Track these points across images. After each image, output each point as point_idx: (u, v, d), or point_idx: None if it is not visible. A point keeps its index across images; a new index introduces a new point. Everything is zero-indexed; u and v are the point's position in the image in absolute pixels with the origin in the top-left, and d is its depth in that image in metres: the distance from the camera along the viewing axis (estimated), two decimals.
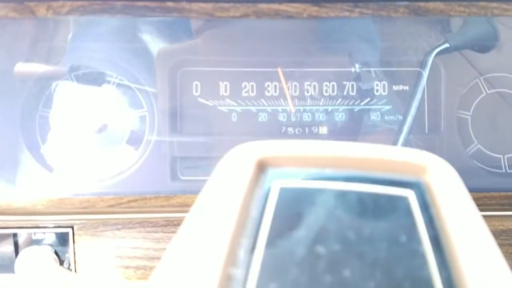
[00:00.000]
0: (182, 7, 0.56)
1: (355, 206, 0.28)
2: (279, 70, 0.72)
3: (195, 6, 0.56)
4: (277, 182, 0.29)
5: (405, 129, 0.70)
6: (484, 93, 0.74)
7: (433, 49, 0.71)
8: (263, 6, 0.56)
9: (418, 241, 0.27)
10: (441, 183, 0.29)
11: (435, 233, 0.27)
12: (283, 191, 0.29)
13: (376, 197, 0.28)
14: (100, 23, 0.69)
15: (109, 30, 0.71)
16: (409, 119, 0.71)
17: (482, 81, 0.74)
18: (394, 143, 0.71)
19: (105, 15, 0.55)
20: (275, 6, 0.56)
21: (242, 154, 0.31)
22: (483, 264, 0.25)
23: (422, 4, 0.56)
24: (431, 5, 0.56)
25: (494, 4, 0.56)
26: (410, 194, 0.29)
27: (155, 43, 0.72)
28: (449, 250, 0.26)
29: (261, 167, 0.30)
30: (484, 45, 0.73)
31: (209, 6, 0.56)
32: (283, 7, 0.56)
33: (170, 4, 0.56)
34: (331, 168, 0.30)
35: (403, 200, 0.29)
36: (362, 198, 0.28)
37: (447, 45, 0.71)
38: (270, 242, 0.26)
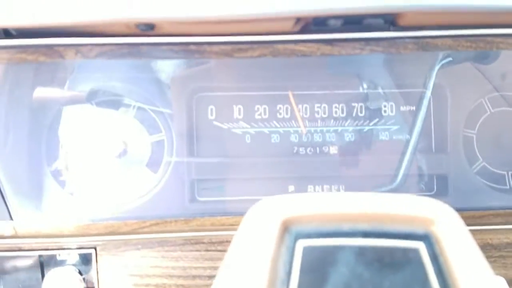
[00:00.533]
0: (203, 50, 0.59)
1: (373, 261, 0.30)
2: (290, 93, 0.75)
3: (215, 48, 0.59)
4: (300, 242, 0.32)
5: (410, 149, 0.73)
6: (488, 112, 0.77)
7: (435, 64, 0.73)
8: (279, 46, 0.59)
9: None
10: (449, 234, 0.32)
11: (445, 284, 0.29)
12: (307, 250, 0.31)
13: (390, 250, 0.31)
14: None
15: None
16: (413, 139, 0.73)
17: (486, 101, 0.76)
18: (400, 162, 0.73)
19: (131, 59, 0.58)
20: (290, 46, 0.59)
21: (267, 213, 0.34)
22: None
23: (430, 40, 0.58)
24: (439, 41, 0.58)
25: (499, 39, 0.58)
26: (421, 246, 0.32)
27: (170, 70, 0.75)
28: None
29: (285, 227, 0.33)
30: (486, 56, 0.75)
31: (228, 48, 0.59)
32: (298, 47, 0.59)
33: (192, 47, 0.59)
34: (348, 223, 0.33)
35: (415, 252, 0.31)
36: (378, 253, 0.31)
37: (450, 58, 0.73)
38: None
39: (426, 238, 0.32)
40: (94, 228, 0.67)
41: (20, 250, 0.73)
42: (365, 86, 0.75)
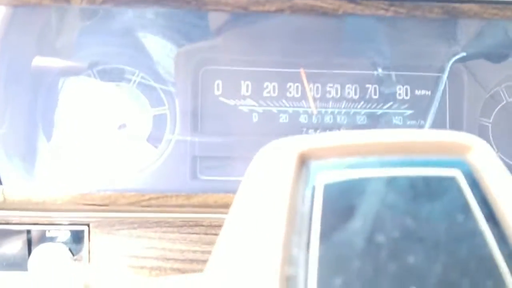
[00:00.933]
0: (217, 0, 0.56)
1: (407, 191, 0.27)
2: (302, 71, 0.72)
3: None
4: (322, 175, 0.28)
5: None
6: (505, 101, 0.74)
7: (451, 56, 0.71)
8: (299, 1, 0.56)
9: (474, 219, 0.26)
10: (485, 161, 0.29)
11: (489, 210, 0.26)
12: (329, 184, 0.28)
13: (425, 179, 0.28)
14: (121, 18, 0.68)
15: (129, 25, 0.70)
16: (427, 125, 0.71)
17: (503, 89, 0.74)
18: None
19: (140, 6, 0.55)
20: (310, 1, 0.56)
21: (281, 148, 0.30)
22: None
23: (457, 5, 0.56)
24: (465, 6, 0.56)
25: None
26: (457, 174, 0.28)
27: (177, 41, 0.72)
28: (506, 226, 0.26)
29: (303, 161, 0.29)
30: (500, 54, 0.74)
31: (244, 0, 0.56)
32: (319, 3, 0.56)
33: None
34: (375, 155, 0.29)
35: (452, 180, 0.28)
36: (412, 182, 0.28)
37: (463, 54, 0.71)
38: (324, 237, 0.26)
39: (462, 165, 0.29)
40: (90, 198, 0.63)
41: (7, 223, 0.68)
42: (379, 68, 0.72)
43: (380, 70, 0.72)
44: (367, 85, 0.72)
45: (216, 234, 0.71)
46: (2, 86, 0.64)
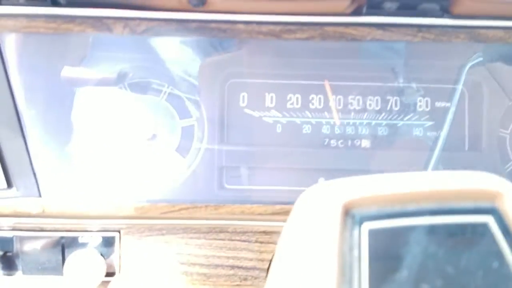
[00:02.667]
0: (251, 29, 0.58)
1: (445, 239, 0.29)
2: (326, 82, 0.74)
3: (264, 28, 0.58)
4: (365, 225, 0.30)
5: (439, 146, 0.72)
6: None
7: (466, 63, 0.72)
8: (329, 29, 0.58)
9: (507, 265, 0.28)
10: None
11: None
12: (373, 233, 0.30)
13: (460, 227, 0.30)
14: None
15: (158, 39, 0.72)
16: (443, 136, 0.72)
17: None
18: (429, 159, 0.72)
19: (179, 35, 0.57)
20: (340, 29, 0.58)
21: (325, 197, 0.32)
22: None
23: (482, 31, 0.57)
24: (490, 32, 0.58)
25: None
26: (489, 219, 0.30)
27: (202, 54, 0.74)
28: None
29: (346, 210, 0.31)
30: None
31: (277, 28, 0.58)
32: (349, 30, 0.58)
33: (240, 26, 0.58)
34: (412, 203, 0.31)
35: (484, 226, 0.30)
36: (449, 230, 0.30)
37: (480, 58, 0.72)
38: (374, 286, 0.27)
39: (493, 211, 0.31)
40: (124, 209, 0.66)
41: (42, 230, 0.72)
42: (400, 79, 0.74)
43: (401, 82, 0.74)
44: (388, 97, 0.74)
45: (240, 240, 0.73)
46: (40, 101, 0.66)
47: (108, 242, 0.73)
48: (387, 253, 0.29)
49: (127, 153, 0.72)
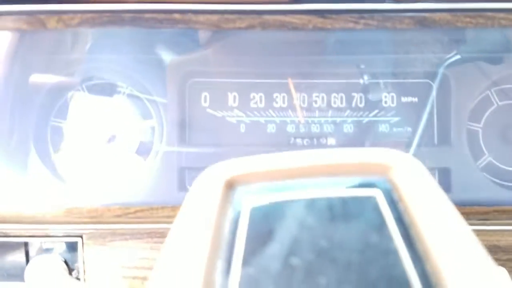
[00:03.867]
0: (188, 19, 0.57)
1: (325, 213, 0.28)
2: (289, 80, 0.72)
3: (201, 17, 0.57)
4: (247, 200, 0.29)
5: (415, 142, 0.70)
6: (496, 105, 0.73)
7: (444, 61, 0.70)
8: (269, 17, 0.57)
9: (389, 239, 0.27)
10: (407, 180, 0.29)
11: (405, 230, 0.27)
12: (254, 208, 0.29)
13: (344, 200, 0.28)
14: (114, 35, 0.70)
15: (122, 41, 0.72)
16: (419, 132, 0.70)
17: (493, 93, 0.73)
18: None
19: (114, 27, 0.56)
20: (280, 17, 0.57)
21: (211, 175, 0.31)
22: (457, 254, 0.25)
23: (428, 15, 0.55)
24: (437, 15, 0.55)
25: (501, 15, 0.55)
26: (377, 193, 0.29)
27: (165, 55, 0.73)
28: (421, 244, 0.26)
29: (230, 186, 0.30)
30: (496, 56, 0.73)
31: (215, 17, 0.57)
32: (289, 18, 0.57)
33: (177, 16, 0.57)
34: (297, 178, 0.30)
35: (371, 200, 0.28)
36: (330, 203, 0.28)
37: (458, 56, 0.71)
38: (245, 262, 0.26)
39: (383, 185, 0.29)
40: (77, 212, 0.65)
41: (6, 236, 0.71)
42: (365, 76, 0.72)
43: (366, 78, 0.72)
44: (353, 94, 0.72)
45: None
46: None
47: (72, 248, 0.72)
48: (265, 228, 0.28)
49: (86, 156, 0.72)
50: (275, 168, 0.30)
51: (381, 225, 0.27)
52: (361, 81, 0.72)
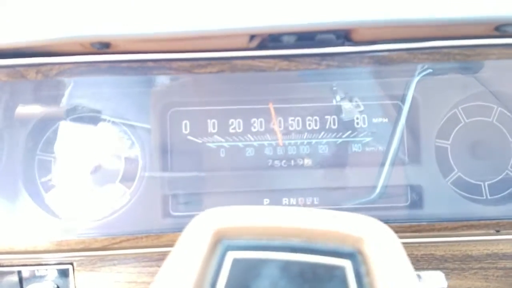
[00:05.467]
0: (162, 66, 0.60)
1: (297, 277, 0.31)
2: (270, 105, 0.75)
3: (174, 64, 0.60)
4: (230, 254, 0.32)
5: (388, 161, 0.73)
6: (463, 122, 0.76)
7: (416, 75, 0.73)
8: (238, 62, 0.60)
9: None
10: (377, 253, 0.32)
11: None
12: (235, 262, 0.32)
13: (316, 267, 0.31)
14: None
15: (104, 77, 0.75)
16: (392, 151, 0.73)
17: (460, 111, 0.76)
18: (378, 174, 0.73)
19: (91, 76, 0.59)
20: (248, 62, 0.60)
21: (201, 225, 0.34)
22: None
23: (386, 54, 0.58)
24: (395, 54, 0.58)
25: (455, 51, 0.58)
26: (347, 264, 0.32)
27: (146, 87, 0.76)
28: None
29: (217, 238, 0.33)
30: (468, 67, 0.75)
31: (187, 64, 0.60)
32: (256, 62, 0.60)
33: (150, 64, 0.60)
34: (278, 237, 0.33)
35: (340, 270, 0.31)
36: (303, 268, 0.31)
37: (430, 70, 0.73)
38: None
39: (353, 256, 0.32)
40: (66, 244, 0.68)
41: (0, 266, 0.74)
42: (338, 98, 0.75)
43: (338, 99, 0.75)
44: (327, 116, 0.75)
45: None
46: None
47: (63, 274, 0.75)
48: (241, 282, 0.31)
49: (72, 186, 0.75)
50: (259, 225, 0.33)
51: None
52: (334, 102, 0.75)
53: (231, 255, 0.32)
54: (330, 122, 0.76)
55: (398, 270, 0.31)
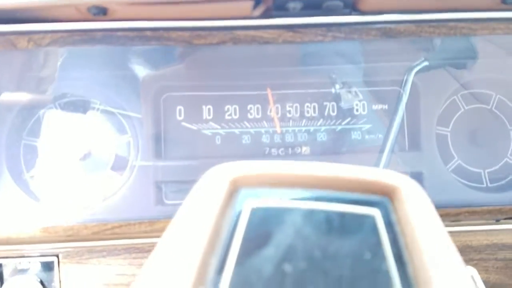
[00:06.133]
0: (160, 36, 0.57)
1: (323, 225, 0.28)
2: (268, 91, 0.73)
3: (173, 34, 0.57)
4: (249, 202, 0.30)
5: (388, 148, 0.72)
6: (462, 109, 0.76)
7: (413, 68, 0.72)
8: (240, 33, 0.58)
9: (382, 258, 0.27)
10: (407, 203, 0.30)
11: (399, 251, 0.27)
12: (254, 211, 0.30)
13: (343, 215, 0.29)
14: (86, 52, 0.70)
15: (95, 58, 0.72)
16: (391, 138, 0.72)
17: (460, 98, 0.75)
18: (377, 161, 0.72)
19: (85, 46, 0.56)
20: (251, 32, 0.58)
21: (217, 174, 0.32)
22: (446, 280, 0.25)
23: (393, 26, 0.57)
24: (402, 27, 0.57)
25: (462, 24, 0.58)
26: (376, 213, 0.30)
27: (139, 70, 0.73)
28: (413, 267, 0.27)
29: (234, 187, 0.31)
30: (463, 62, 0.75)
31: (186, 34, 0.57)
32: (259, 33, 0.58)
33: (148, 33, 0.57)
34: (301, 187, 0.31)
35: (370, 218, 0.29)
36: (329, 217, 0.29)
37: (426, 63, 0.73)
38: (239, 262, 0.27)
39: (383, 205, 0.30)
40: (53, 231, 0.64)
41: None
42: (337, 85, 0.74)
43: (337, 87, 0.73)
44: (325, 103, 0.74)
45: None
46: None
47: (48, 267, 0.71)
48: (262, 231, 0.29)
49: (62, 173, 0.71)
50: (280, 175, 0.31)
51: (376, 244, 0.27)
52: (332, 90, 0.74)
53: (249, 204, 0.30)
54: (329, 109, 0.74)
55: (430, 221, 0.29)
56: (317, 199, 0.30)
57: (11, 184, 0.69)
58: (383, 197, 0.31)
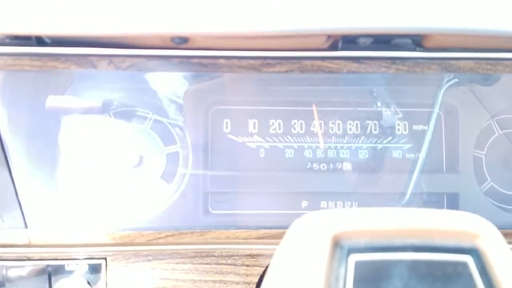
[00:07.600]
0: (232, 64, 0.60)
1: (425, 275, 0.31)
2: (314, 107, 0.76)
3: (244, 62, 0.60)
4: (352, 256, 0.32)
5: (418, 168, 0.74)
6: (497, 133, 0.79)
7: (442, 86, 0.75)
8: (307, 62, 0.60)
9: None
10: (493, 247, 0.33)
11: None
12: (359, 264, 0.32)
13: (441, 264, 0.32)
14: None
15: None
16: (421, 158, 0.75)
17: (495, 122, 0.78)
18: (409, 180, 0.75)
19: (162, 71, 0.58)
20: (318, 62, 0.60)
21: (316, 227, 0.34)
22: None
23: (453, 62, 0.60)
24: (461, 63, 0.60)
25: None
26: (468, 259, 0.32)
27: (186, 81, 0.76)
28: None
29: (336, 241, 0.33)
30: (490, 78, 0.77)
31: (257, 62, 0.60)
32: (326, 63, 0.60)
33: (222, 61, 0.60)
34: (399, 238, 0.33)
35: (463, 265, 0.32)
36: (430, 267, 0.32)
37: (456, 80, 0.75)
38: None
39: (473, 251, 0.33)
40: (110, 238, 0.66)
41: (29, 259, 0.72)
42: (379, 104, 0.76)
43: (379, 105, 0.76)
44: (368, 121, 0.77)
45: (226, 264, 0.74)
46: (25, 133, 0.67)
47: (95, 270, 0.73)
48: (370, 284, 0.31)
49: (112, 180, 0.73)
50: (378, 227, 0.33)
51: None
52: (374, 108, 0.76)
53: (353, 258, 0.32)
54: (371, 127, 0.77)
55: None
56: (415, 249, 0.33)
57: (67, 191, 0.71)
58: (471, 243, 0.34)
